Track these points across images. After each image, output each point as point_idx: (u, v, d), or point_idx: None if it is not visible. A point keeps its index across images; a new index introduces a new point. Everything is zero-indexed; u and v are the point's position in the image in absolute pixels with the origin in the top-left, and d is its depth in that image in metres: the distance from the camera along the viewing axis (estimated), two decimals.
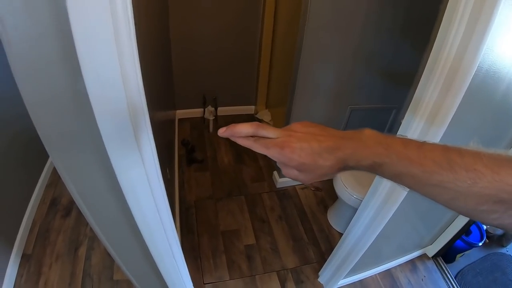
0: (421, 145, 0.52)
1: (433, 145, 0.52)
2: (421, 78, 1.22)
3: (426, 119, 1.22)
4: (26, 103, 0.74)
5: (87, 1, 0.61)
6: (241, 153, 3.62)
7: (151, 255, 1.30)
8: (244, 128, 0.63)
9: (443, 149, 0.50)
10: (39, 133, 0.80)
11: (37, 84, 0.72)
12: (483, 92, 1.28)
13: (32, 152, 2.74)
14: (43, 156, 3.03)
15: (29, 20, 0.63)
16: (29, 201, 2.70)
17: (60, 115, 0.79)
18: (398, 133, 1.40)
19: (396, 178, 0.55)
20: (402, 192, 1.50)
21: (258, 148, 0.61)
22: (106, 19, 0.64)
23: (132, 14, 0.69)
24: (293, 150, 0.58)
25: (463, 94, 1.12)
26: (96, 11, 0.62)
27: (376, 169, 0.55)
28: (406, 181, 0.53)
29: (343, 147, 0.57)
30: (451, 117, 1.20)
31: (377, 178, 1.61)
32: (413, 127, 1.28)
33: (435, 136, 1.26)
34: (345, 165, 0.58)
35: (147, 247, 1.23)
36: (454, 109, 1.17)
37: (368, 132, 0.58)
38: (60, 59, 0.69)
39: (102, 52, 0.67)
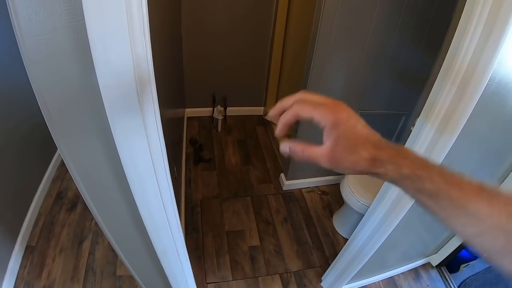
0: (458, 173, 0.49)
1: (469, 177, 0.49)
2: (434, 84, 1.21)
3: (438, 126, 1.22)
4: (34, 86, 0.74)
5: None
6: (248, 154, 3.62)
7: (154, 251, 1.30)
8: (291, 99, 0.59)
9: (480, 183, 0.47)
10: (47, 121, 0.80)
11: (46, 68, 0.72)
12: (495, 103, 1.27)
13: (39, 145, 2.75)
14: (51, 149, 3.05)
15: (43, 12, 0.63)
16: (35, 193, 2.72)
17: (66, 98, 0.79)
18: (409, 139, 1.40)
19: (433, 197, 0.50)
20: (409, 200, 1.49)
21: (304, 109, 0.56)
22: (120, 12, 0.64)
23: (147, 12, 0.69)
24: (343, 109, 0.56)
25: (475, 102, 1.11)
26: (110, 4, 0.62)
27: (414, 181, 0.51)
28: (442, 203, 0.50)
29: (384, 148, 0.54)
30: (463, 126, 1.19)
31: (385, 184, 1.60)
32: (424, 132, 1.27)
33: (446, 144, 1.25)
34: (381, 163, 0.53)
35: (151, 242, 1.23)
36: (466, 117, 1.16)
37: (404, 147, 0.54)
38: (72, 51, 0.69)
39: (114, 46, 0.67)
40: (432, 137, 1.26)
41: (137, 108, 0.78)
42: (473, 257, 2.64)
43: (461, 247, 2.49)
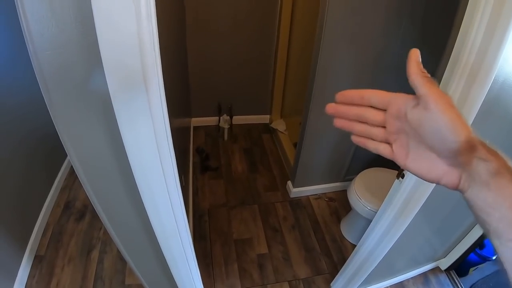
0: None
1: None
2: (440, 85, 1.21)
3: None
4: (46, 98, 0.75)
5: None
6: (255, 162, 3.64)
7: (164, 258, 1.30)
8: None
9: None
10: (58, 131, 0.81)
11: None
12: (500, 103, 1.27)
13: (47, 155, 2.77)
14: (58, 159, 3.07)
15: (55, 27, 0.65)
16: (43, 203, 2.74)
17: (77, 111, 0.80)
18: None
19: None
20: (416, 205, 1.50)
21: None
22: (131, 29, 0.65)
23: (156, 25, 0.70)
24: None
25: (481, 103, 1.11)
26: (122, 20, 0.64)
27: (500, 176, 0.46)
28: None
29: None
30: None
31: (392, 190, 1.60)
32: None
33: None
34: (475, 146, 0.48)
35: (161, 249, 1.24)
36: (472, 119, 1.16)
37: None
38: (84, 64, 0.71)
39: (126, 60, 0.68)
40: None
41: (147, 115, 0.79)
42: (482, 260, 2.63)
43: (470, 250, 2.48)
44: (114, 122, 0.78)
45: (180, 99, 2.63)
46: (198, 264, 1.55)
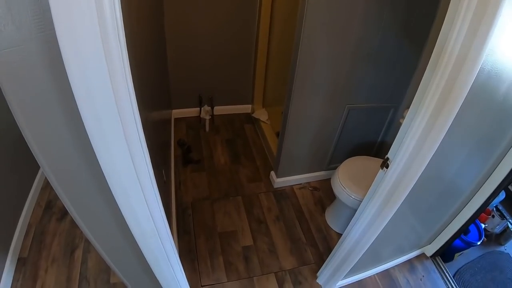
0: None
1: None
2: (424, 75, 1.20)
3: (430, 117, 1.20)
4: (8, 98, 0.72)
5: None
6: (237, 153, 3.61)
7: (146, 260, 1.28)
8: None
9: None
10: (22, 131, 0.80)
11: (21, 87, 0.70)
12: (485, 92, 1.27)
13: (26, 153, 2.70)
14: None
15: (11, 24, 0.61)
16: (24, 204, 2.67)
17: (41, 109, 0.78)
18: (400, 131, 1.38)
19: None
20: (401, 195, 1.49)
21: None
22: (91, 17, 0.62)
23: (121, 14, 0.67)
24: None
25: (467, 92, 1.11)
26: (81, 10, 0.60)
27: None
28: None
29: None
30: (455, 115, 1.18)
31: (376, 180, 1.59)
32: (416, 123, 1.26)
33: (438, 135, 1.24)
34: None
35: (141, 252, 1.21)
36: (458, 107, 1.16)
37: None
38: (44, 60, 0.68)
39: (87, 52, 0.65)
40: (424, 128, 1.24)
41: (114, 111, 0.76)
42: (467, 245, 2.65)
43: (455, 236, 2.49)
44: (82, 126, 0.76)
45: (159, 91, 2.59)
46: (183, 259, 1.53)
